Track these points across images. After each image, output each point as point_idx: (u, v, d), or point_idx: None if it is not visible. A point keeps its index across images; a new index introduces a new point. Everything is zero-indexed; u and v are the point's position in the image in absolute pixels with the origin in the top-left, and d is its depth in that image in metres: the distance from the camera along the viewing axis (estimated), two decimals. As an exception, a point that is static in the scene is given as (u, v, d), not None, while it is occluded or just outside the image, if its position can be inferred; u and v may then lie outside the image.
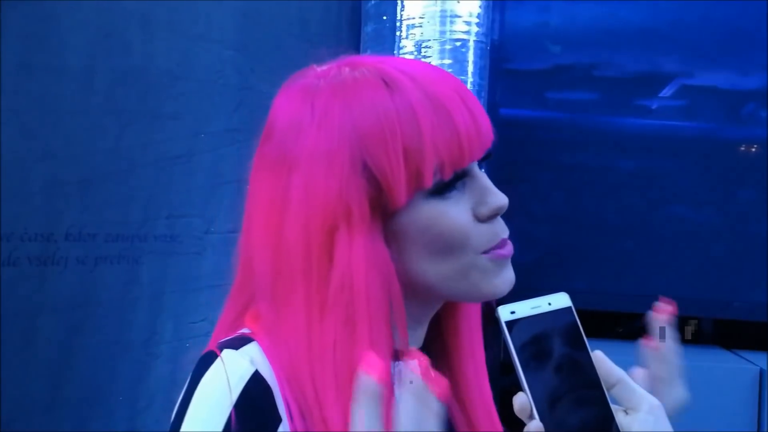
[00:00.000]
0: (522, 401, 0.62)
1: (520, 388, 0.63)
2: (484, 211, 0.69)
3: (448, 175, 0.67)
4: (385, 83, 0.67)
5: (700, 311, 2.44)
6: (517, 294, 0.69)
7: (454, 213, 0.68)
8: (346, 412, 0.63)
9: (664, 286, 2.34)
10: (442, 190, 0.68)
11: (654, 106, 2.51)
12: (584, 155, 2.49)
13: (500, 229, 0.71)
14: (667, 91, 2.47)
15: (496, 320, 0.63)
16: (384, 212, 0.67)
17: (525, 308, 0.64)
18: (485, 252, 0.70)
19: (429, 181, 0.66)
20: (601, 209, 2.46)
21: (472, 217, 0.69)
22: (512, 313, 0.63)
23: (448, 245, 0.68)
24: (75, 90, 1.54)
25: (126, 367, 1.64)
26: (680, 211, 2.44)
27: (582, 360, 0.64)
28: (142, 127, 1.65)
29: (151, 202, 1.68)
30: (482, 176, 0.71)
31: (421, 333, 0.76)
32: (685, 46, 2.43)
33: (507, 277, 0.71)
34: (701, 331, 2.55)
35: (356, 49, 2.10)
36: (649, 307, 0.79)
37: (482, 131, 0.69)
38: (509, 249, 0.71)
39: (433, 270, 0.69)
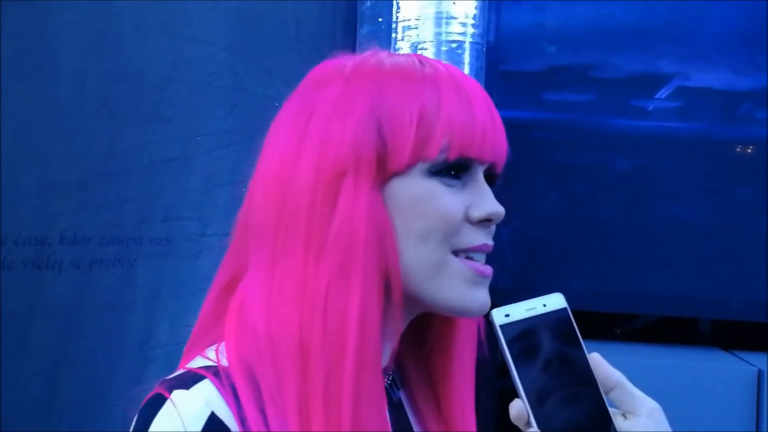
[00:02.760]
0: (519, 408, 0.61)
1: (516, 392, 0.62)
2: (478, 213, 0.69)
3: (453, 156, 0.67)
4: (420, 62, 0.71)
5: (698, 311, 2.44)
6: (513, 293, 0.68)
7: (448, 199, 0.68)
8: (330, 363, 0.63)
9: (662, 286, 2.33)
10: (444, 173, 0.68)
11: (650, 107, 2.50)
12: (580, 156, 2.49)
13: (485, 236, 0.70)
14: (663, 92, 2.46)
15: (491, 324, 0.63)
16: (383, 172, 0.67)
17: (520, 310, 0.63)
18: (462, 250, 0.69)
19: (434, 153, 0.67)
20: (598, 210, 2.45)
21: (464, 214, 0.69)
22: (507, 316, 0.62)
23: (431, 228, 0.67)
24: (69, 92, 1.52)
25: (122, 371, 1.63)
26: (678, 212, 2.43)
27: (579, 363, 0.63)
28: (137, 130, 1.64)
29: (146, 204, 1.67)
30: (485, 184, 0.71)
31: (390, 348, 0.72)
32: (682, 47, 2.43)
33: (480, 297, 0.69)
34: (699, 332, 2.55)
35: (352, 51, 2.09)
36: (648, 307, 0.78)
37: (498, 137, 0.71)
38: (489, 270, 0.70)
39: (409, 253, 0.67)
